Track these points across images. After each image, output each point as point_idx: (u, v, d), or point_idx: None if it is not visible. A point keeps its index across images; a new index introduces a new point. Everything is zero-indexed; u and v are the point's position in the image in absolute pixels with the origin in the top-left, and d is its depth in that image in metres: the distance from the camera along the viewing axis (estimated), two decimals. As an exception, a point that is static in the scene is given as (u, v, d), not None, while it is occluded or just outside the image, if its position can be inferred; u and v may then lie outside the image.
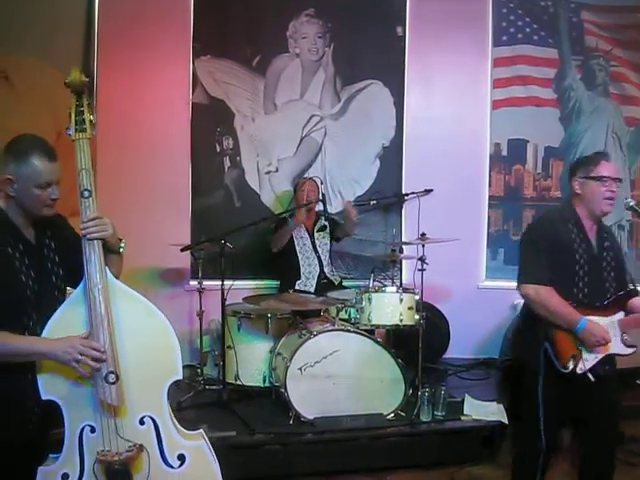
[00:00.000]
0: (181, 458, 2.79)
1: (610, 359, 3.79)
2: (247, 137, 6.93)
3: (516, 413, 5.15)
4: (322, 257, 6.45)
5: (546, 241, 3.74)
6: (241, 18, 6.84)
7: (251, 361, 5.69)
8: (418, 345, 5.57)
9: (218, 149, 6.87)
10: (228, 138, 6.87)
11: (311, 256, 6.43)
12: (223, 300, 5.50)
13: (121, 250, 2.96)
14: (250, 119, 6.93)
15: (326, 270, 6.45)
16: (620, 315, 3.76)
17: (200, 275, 5.97)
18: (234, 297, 5.66)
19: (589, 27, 7.42)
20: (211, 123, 6.85)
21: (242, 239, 6.44)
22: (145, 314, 2.80)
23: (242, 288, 6.19)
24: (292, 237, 6.37)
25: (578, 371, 3.65)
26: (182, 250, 5.64)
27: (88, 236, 2.73)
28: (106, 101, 6.33)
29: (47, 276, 2.89)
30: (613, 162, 3.96)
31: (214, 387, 5.73)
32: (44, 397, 2.68)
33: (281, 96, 7.02)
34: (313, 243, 6.45)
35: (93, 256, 2.72)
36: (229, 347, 5.66)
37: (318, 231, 6.53)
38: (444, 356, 6.99)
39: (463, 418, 5.30)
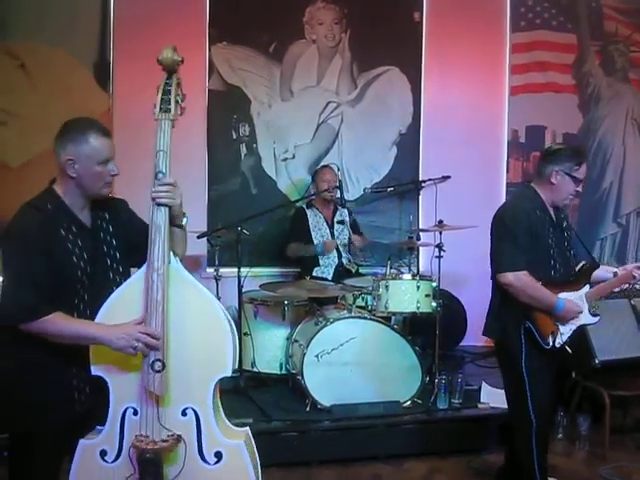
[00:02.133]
0: (218, 455, 2.74)
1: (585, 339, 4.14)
2: (263, 124, 6.91)
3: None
4: (340, 248, 6.43)
5: (523, 227, 3.80)
6: (257, 4, 6.81)
7: (268, 348, 5.71)
8: (435, 332, 5.56)
9: (234, 136, 6.86)
10: (244, 125, 6.86)
11: None
12: (240, 287, 5.50)
13: (184, 223, 2.97)
14: (267, 106, 6.91)
15: (344, 260, 6.44)
16: (586, 288, 3.90)
17: (217, 262, 5.99)
18: (251, 284, 5.68)
19: (608, 12, 7.36)
20: (227, 110, 6.84)
21: (259, 226, 6.44)
22: (204, 306, 2.74)
23: (259, 275, 6.19)
24: (309, 227, 6.36)
25: (557, 345, 3.79)
26: (199, 237, 5.64)
27: (157, 200, 2.71)
28: (122, 88, 6.33)
29: (102, 259, 2.90)
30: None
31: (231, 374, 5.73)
32: (93, 372, 2.69)
33: (298, 83, 7.00)
34: (332, 234, 6.42)
35: (157, 239, 2.68)
36: (246, 334, 5.67)
37: (338, 223, 6.50)
38: (461, 343, 6.98)
39: (480, 406, 5.30)
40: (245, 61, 6.83)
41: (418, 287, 5.41)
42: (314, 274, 6.20)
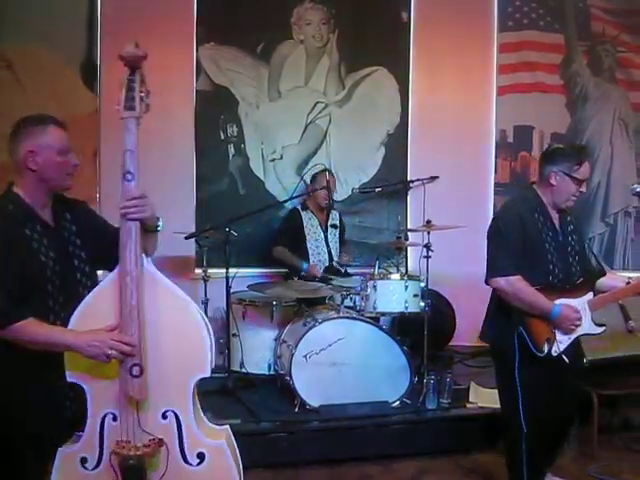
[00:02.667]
0: (200, 456, 2.71)
1: (577, 341, 3.86)
2: (251, 124, 6.90)
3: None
4: (332, 251, 6.44)
5: (515, 231, 3.74)
6: (245, 5, 6.80)
7: (256, 349, 5.70)
8: (423, 332, 5.56)
9: (222, 137, 6.85)
10: (232, 125, 6.85)
11: (322, 251, 6.42)
12: (228, 288, 5.50)
13: (159, 229, 2.87)
14: (254, 106, 6.91)
15: (334, 263, 6.44)
16: (589, 296, 3.82)
17: (205, 263, 5.97)
18: (239, 285, 5.66)
19: (596, 12, 7.37)
20: (215, 110, 6.83)
21: (247, 227, 6.43)
22: (179, 307, 2.69)
23: (247, 276, 6.18)
24: (304, 228, 6.37)
25: (553, 353, 3.71)
26: (187, 238, 5.63)
27: (127, 217, 2.61)
28: (109, 88, 6.30)
29: (68, 258, 2.85)
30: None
31: (219, 375, 5.71)
32: (69, 379, 2.64)
33: (285, 83, 6.99)
34: (326, 238, 6.44)
35: (129, 242, 2.60)
36: (234, 335, 5.67)
37: (331, 227, 6.51)
38: (450, 343, 6.99)
39: (469, 405, 5.30)
40: (233, 61, 6.81)
41: (406, 287, 5.41)
42: (302, 274, 6.19)
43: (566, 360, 3.73)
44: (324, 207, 6.39)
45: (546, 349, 3.69)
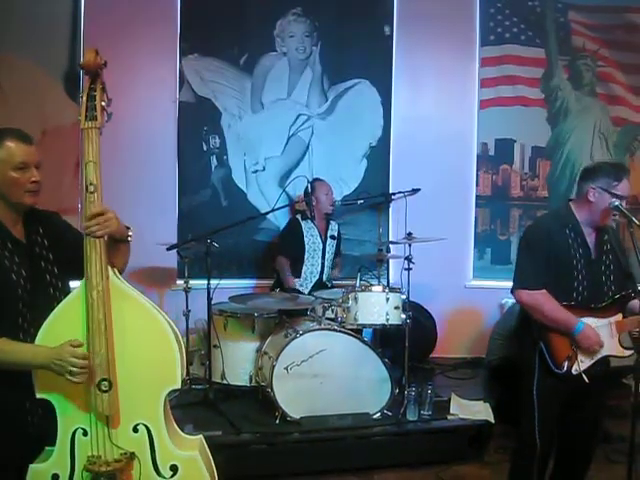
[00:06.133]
0: (173, 469, 2.69)
1: (605, 361, 3.78)
2: (234, 136, 6.92)
3: (504, 411, 5.18)
4: (326, 264, 6.47)
5: (541, 246, 3.71)
6: (228, 17, 6.82)
7: (237, 360, 5.68)
8: (405, 344, 5.56)
9: (205, 148, 6.86)
10: (215, 137, 6.86)
11: (317, 262, 6.45)
12: (209, 299, 5.49)
13: (129, 239, 2.83)
14: (237, 118, 6.92)
15: (325, 277, 6.49)
16: (618, 317, 3.75)
17: (186, 274, 5.96)
18: (221, 296, 5.65)
19: (576, 27, 7.43)
20: (198, 122, 6.85)
21: (229, 238, 6.40)
22: (146, 319, 2.66)
23: (228, 287, 6.17)
24: (303, 238, 6.39)
25: (573, 372, 3.66)
26: (168, 249, 5.61)
27: (91, 235, 2.58)
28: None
29: (40, 274, 2.80)
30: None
31: (200, 386, 5.71)
32: (38, 395, 2.62)
33: (268, 95, 7.01)
34: (323, 249, 6.46)
35: (94, 255, 2.56)
36: (215, 346, 5.66)
37: (330, 237, 6.54)
38: (431, 355, 7.00)
39: (450, 417, 5.30)
40: (216, 73, 6.83)
41: (387, 299, 5.40)
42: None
43: (586, 380, 3.65)
44: (330, 213, 6.46)
45: (566, 366, 3.66)
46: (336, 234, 6.61)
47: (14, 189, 2.72)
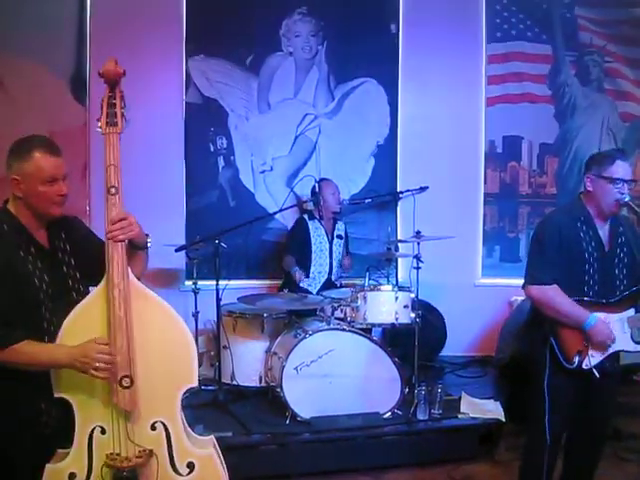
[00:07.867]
0: (190, 466, 2.72)
1: (615, 357, 3.76)
2: (241, 136, 6.91)
3: (515, 410, 5.16)
4: (334, 263, 6.48)
5: (552, 241, 3.69)
6: (234, 17, 6.81)
7: (247, 361, 5.69)
8: (414, 343, 5.56)
9: (212, 149, 6.86)
10: (222, 137, 6.86)
11: (325, 262, 6.46)
12: (218, 300, 5.49)
13: (148, 246, 2.91)
14: (244, 118, 6.91)
15: (333, 277, 6.49)
16: (631, 312, 3.72)
17: (195, 275, 5.97)
18: (229, 297, 5.65)
19: (583, 23, 7.40)
20: (205, 123, 6.84)
21: (237, 238, 6.41)
22: (165, 320, 2.72)
23: (237, 288, 6.17)
24: (310, 239, 6.40)
25: (584, 367, 3.64)
26: (177, 250, 5.62)
27: (114, 239, 2.64)
28: (99, 102, 6.29)
29: (62, 279, 2.85)
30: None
31: (210, 387, 5.71)
32: (56, 395, 2.64)
33: (275, 95, 7.00)
34: (330, 249, 6.47)
35: (115, 256, 2.63)
36: (225, 347, 5.66)
37: (337, 237, 6.55)
38: (440, 354, 6.98)
39: (460, 416, 5.29)
40: (222, 74, 6.82)
41: (396, 298, 5.40)
42: (301, 285, 6.24)
43: (596, 375, 3.63)
44: (338, 212, 6.47)
45: (576, 361, 3.63)
46: (343, 234, 6.61)
47: (42, 202, 2.77)
